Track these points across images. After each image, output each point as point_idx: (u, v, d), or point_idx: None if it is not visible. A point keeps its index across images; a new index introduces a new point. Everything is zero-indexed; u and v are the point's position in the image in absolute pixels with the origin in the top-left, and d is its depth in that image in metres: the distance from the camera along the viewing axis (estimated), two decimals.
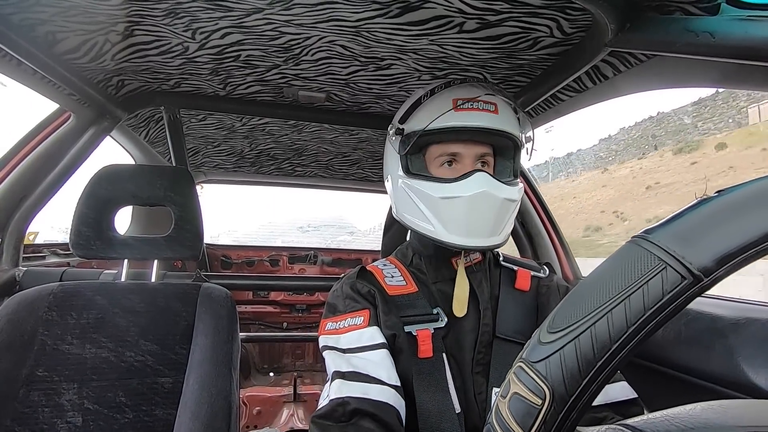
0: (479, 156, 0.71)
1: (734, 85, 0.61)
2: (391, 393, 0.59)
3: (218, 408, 0.76)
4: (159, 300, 0.85)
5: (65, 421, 0.73)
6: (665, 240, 0.26)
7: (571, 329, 0.27)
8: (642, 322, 0.25)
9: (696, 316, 0.82)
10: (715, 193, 0.27)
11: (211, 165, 1.80)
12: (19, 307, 0.79)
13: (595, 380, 0.25)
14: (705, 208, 0.27)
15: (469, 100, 0.69)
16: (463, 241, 0.67)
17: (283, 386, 1.90)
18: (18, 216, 1.01)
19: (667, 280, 0.25)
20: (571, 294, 0.30)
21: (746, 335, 0.73)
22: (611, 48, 0.67)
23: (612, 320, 0.25)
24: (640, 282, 0.26)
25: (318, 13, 0.71)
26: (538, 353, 0.27)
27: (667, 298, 0.25)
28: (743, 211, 0.25)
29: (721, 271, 0.24)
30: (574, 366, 0.26)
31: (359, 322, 0.67)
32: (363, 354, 0.64)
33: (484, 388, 0.67)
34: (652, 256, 0.26)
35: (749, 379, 0.69)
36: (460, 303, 0.70)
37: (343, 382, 0.60)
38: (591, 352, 0.25)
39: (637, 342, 0.25)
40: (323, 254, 2.36)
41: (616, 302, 0.26)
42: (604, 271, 0.29)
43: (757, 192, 0.26)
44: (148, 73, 1.00)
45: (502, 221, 0.69)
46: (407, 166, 0.74)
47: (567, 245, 1.38)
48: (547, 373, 0.26)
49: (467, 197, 0.66)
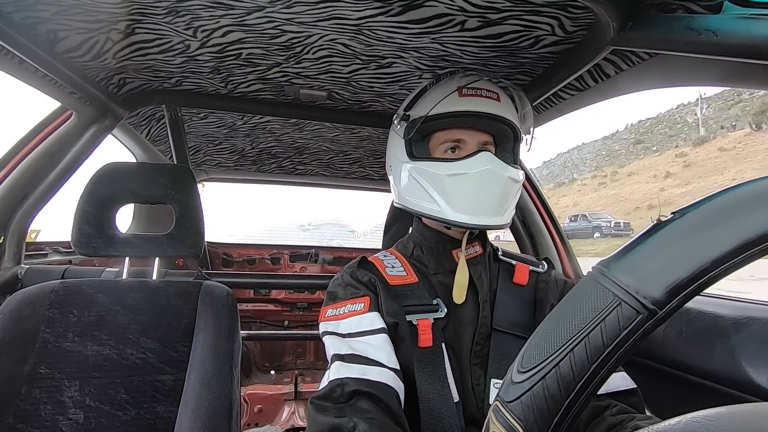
0: (481, 143, 0.73)
1: (736, 83, 0.61)
2: (390, 375, 0.59)
3: (219, 406, 0.76)
4: (160, 298, 0.86)
5: (67, 418, 0.73)
6: (619, 273, 0.26)
7: (538, 369, 0.27)
8: (603, 359, 0.25)
9: (697, 315, 0.82)
10: (671, 214, 0.27)
11: (213, 163, 1.81)
12: (21, 304, 0.79)
13: (565, 418, 0.26)
14: (658, 234, 0.27)
15: (473, 87, 0.71)
16: (469, 219, 0.68)
17: (284, 384, 1.91)
18: (20, 214, 1.01)
19: (622, 316, 0.25)
20: (536, 332, 0.30)
21: (747, 334, 0.73)
22: (613, 46, 0.67)
23: (574, 359, 0.26)
24: (598, 319, 0.26)
25: (319, 11, 0.71)
26: (512, 393, 0.28)
27: (624, 335, 0.25)
28: (692, 237, 0.25)
29: (675, 302, 0.24)
30: (543, 406, 0.26)
31: (359, 308, 0.67)
32: (363, 338, 0.64)
33: (482, 380, 0.67)
34: (607, 292, 0.26)
35: (750, 378, 0.69)
36: (460, 289, 0.70)
37: (342, 364, 0.60)
38: (558, 392, 0.26)
39: (601, 378, 0.25)
40: (324, 253, 2.36)
41: (577, 340, 0.26)
42: (565, 307, 0.29)
43: (706, 213, 0.26)
44: (149, 72, 1.00)
45: (506, 200, 0.71)
46: (411, 152, 0.75)
47: (568, 243, 1.38)
48: (521, 413, 0.27)
49: (474, 173, 0.68)
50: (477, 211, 0.69)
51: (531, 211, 1.40)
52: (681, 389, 0.83)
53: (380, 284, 0.70)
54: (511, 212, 0.74)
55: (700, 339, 0.79)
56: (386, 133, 1.41)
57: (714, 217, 0.25)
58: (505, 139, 0.76)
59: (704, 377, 0.77)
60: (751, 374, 0.69)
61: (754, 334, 0.72)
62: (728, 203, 0.26)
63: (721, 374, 0.74)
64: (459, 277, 0.71)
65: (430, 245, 0.77)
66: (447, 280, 0.73)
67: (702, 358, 0.78)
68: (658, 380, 0.87)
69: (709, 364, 0.76)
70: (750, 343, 0.72)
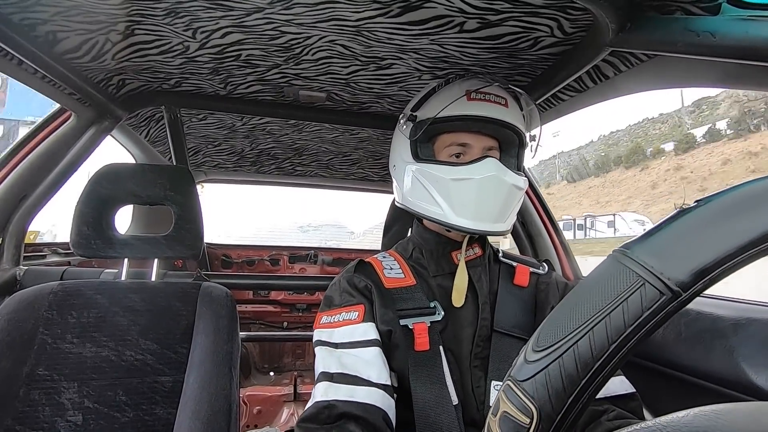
0: (486, 148, 0.73)
1: (735, 85, 0.61)
2: (379, 394, 0.60)
3: (218, 407, 0.76)
4: (159, 299, 0.86)
5: (65, 419, 0.73)
6: (643, 255, 0.26)
7: (555, 348, 0.27)
8: (623, 340, 0.25)
9: (696, 316, 0.82)
10: (694, 202, 0.27)
11: (212, 164, 1.81)
12: (19, 306, 0.79)
13: (580, 398, 0.25)
14: (682, 220, 0.27)
15: (482, 91, 0.71)
16: (470, 225, 0.68)
17: (283, 386, 1.90)
18: (19, 215, 1.01)
19: (645, 297, 0.25)
20: (554, 311, 0.30)
21: (747, 335, 0.73)
22: (612, 48, 0.67)
23: (594, 338, 0.26)
24: (620, 299, 0.26)
25: (318, 12, 0.71)
26: (525, 372, 0.28)
27: (647, 315, 0.25)
28: (720, 222, 0.25)
29: (699, 286, 0.24)
30: (558, 385, 0.26)
31: (353, 317, 0.67)
32: (354, 351, 0.64)
33: (482, 382, 0.67)
34: (630, 272, 0.26)
35: (750, 379, 0.69)
36: (459, 292, 0.70)
37: (330, 384, 0.61)
38: (575, 371, 0.25)
39: (620, 359, 0.25)
40: (323, 254, 2.36)
41: (597, 320, 0.26)
42: (585, 287, 0.29)
43: (733, 202, 0.26)
44: (148, 73, 1.00)
45: (508, 208, 0.71)
46: (416, 153, 0.75)
47: (567, 245, 1.38)
48: (534, 392, 0.26)
49: (478, 179, 0.68)
50: (479, 216, 0.69)
51: (530, 213, 1.40)
52: (680, 390, 0.83)
53: (376, 290, 0.71)
54: (513, 219, 0.74)
55: (700, 340, 0.79)
56: (385, 134, 1.42)
57: (741, 205, 0.25)
58: (510, 145, 0.76)
59: (703, 378, 0.77)
60: (750, 375, 0.69)
61: (753, 335, 0.72)
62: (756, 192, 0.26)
63: (720, 375, 0.73)
64: (458, 281, 0.71)
65: (430, 247, 0.77)
66: (446, 283, 0.73)
67: (701, 359, 0.78)
68: (657, 381, 0.87)
69: (708, 365, 0.76)
70: (749, 343, 0.72)
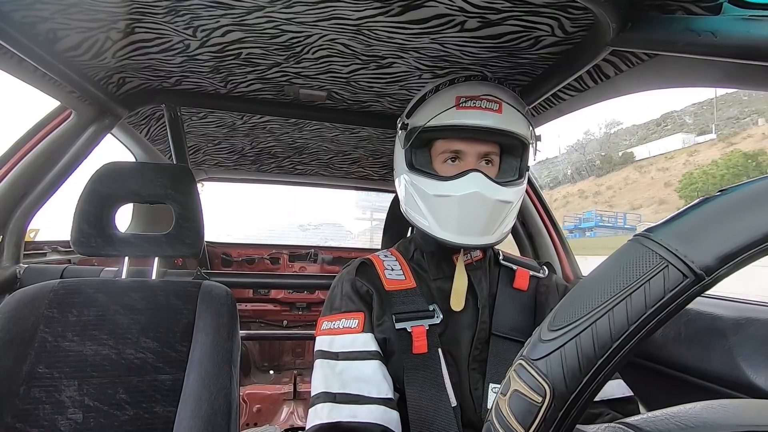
0: (483, 154, 0.71)
1: (736, 84, 0.61)
2: (381, 410, 0.61)
3: (218, 405, 0.76)
4: (159, 297, 0.86)
5: (66, 417, 0.73)
6: (667, 238, 0.26)
7: (572, 327, 0.26)
8: (643, 321, 0.25)
9: (696, 315, 0.82)
10: (718, 192, 0.27)
11: (212, 163, 1.81)
12: (19, 304, 0.79)
13: (596, 378, 0.25)
14: (707, 206, 0.27)
15: (472, 98, 0.68)
16: (454, 239, 0.68)
17: (283, 384, 1.91)
18: (19, 213, 1.01)
19: (668, 279, 0.25)
20: (572, 291, 0.30)
21: (746, 335, 0.73)
22: (613, 47, 0.67)
23: (613, 318, 0.25)
24: (642, 280, 0.25)
25: (319, 11, 0.71)
26: (539, 351, 0.27)
27: (669, 297, 0.25)
28: (745, 210, 0.25)
29: (723, 270, 0.24)
30: (574, 364, 0.25)
31: (354, 326, 0.68)
32: (355, 364, 0.65)
33: (480, 384, 0.67)
34: (654, 255, 0.26)
35: (749, 379, 0.69)
36: (458, 296, 0.70)
37: (334, 406, 0.61)
38: (592, 350, 0.25)
39: (638, 340, 0.25)
40: (323, 252, 2.36)
41: (618, 300, 0.26)
42: (606, 269, 0.29)
43: (759, 191, 0.26)
44: (149, 71, 1.00)
45: (495, 222, 0.69)
46: (411, 161, 0.74)
47: (567, 245, 1.38)
48: (548, 370, 0.26)
49: (458, 197, 0.66)
50: (462, 231, 0.68)
51: (530, 213, 1.40)
52: (680, 390, 0.83)
53: (376, 295, 0.71)
54: (503, 230, 0.72)
55: (699, 340, 0.79)
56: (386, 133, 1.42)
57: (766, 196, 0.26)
58: (510, 148, 0.74)
59: (703, 378, 0.77)
60: (749, 375, 0.69)
61: (752, 335, 0.72)
62: None
63: (720, 375, 0.74)
64: (457, 285, 0.71)
65: (431, 249, 0.77)
66: (446, 286, 0.73)
67: (701, 359, 0.78)
68: (656, 381, 0.87)
69: (707, 365, 0.76)
70: (749, 343, 0.72)
